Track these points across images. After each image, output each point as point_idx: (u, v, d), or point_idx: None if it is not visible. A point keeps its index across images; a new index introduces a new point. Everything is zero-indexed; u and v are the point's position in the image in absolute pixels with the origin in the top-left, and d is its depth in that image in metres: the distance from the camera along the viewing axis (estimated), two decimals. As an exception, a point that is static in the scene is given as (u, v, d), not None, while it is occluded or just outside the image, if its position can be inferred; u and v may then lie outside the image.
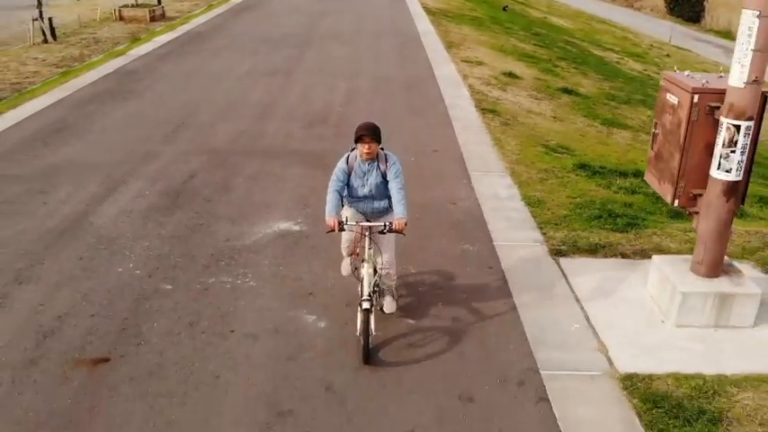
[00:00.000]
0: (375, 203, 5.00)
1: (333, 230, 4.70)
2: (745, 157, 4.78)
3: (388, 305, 5.13)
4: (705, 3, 54.59)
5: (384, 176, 4.88)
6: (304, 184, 7.92)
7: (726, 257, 5.27)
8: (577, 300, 5.45)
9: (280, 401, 4.27)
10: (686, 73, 5.26)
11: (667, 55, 32.94)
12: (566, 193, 7.77)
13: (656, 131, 5.47)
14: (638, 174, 8.46)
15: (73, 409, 4.20)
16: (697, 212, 5.13)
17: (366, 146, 4.73)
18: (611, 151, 10.27)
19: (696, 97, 4.87)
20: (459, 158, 8.85)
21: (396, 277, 5.17)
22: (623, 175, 8.69)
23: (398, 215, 4.71)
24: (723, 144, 4.77)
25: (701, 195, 5.07)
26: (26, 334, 4.96)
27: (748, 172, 4.94)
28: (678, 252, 6.15)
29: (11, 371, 4.56)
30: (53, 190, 7.64)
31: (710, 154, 4.91)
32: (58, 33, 22.65)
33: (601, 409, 4.22)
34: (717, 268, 5.11)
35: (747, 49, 4.53)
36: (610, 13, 53.03)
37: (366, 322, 4.56)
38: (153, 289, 5.56)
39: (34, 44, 21.88)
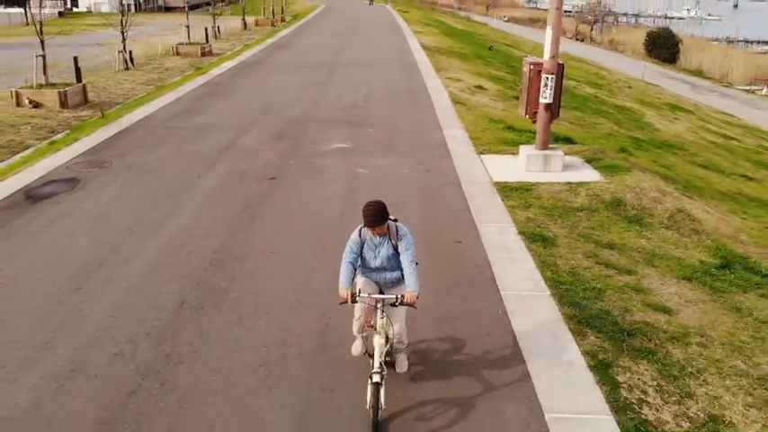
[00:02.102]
0: (387, 274, 5.12)
1: (345, 302, 4.78)
2: (552, 92, 10.86)
3: (400, 364, 5.28)
4: (680, 45, 61.51)
5: (395, 249, 4.98)
6: (345, 132, 14.02)
7: (552, 144, 11.31)
8: (485, 166, 11.48)
9: (352, 191, 10.30)
10: (532, 57, 11.38)
11: (629, 87, 39.23)
12: (494, 136, 13.87)
13: (521, 86, 11.59)
14: (554, 135, 14.47)
15: (268, 190, 10.21)
16: (535, 120, 11.21)
17: (373, 230, 4.90)
18: (534, 126, 16.36)
19: (532, 66, 10.99)
20: (438, 123, 14.96)
21: (407, 342, 5.31)
22: (533, 132, 14.72)
23: (410, 288, 4.81)
24: (543, 86, 10.87)
25: (536, 111, 11.15)
26: (233, 173, 10.99)
27: (557, 100, 11.01)
28: (542, 152, 12.19)
29: (231, 187, 10.58)
30: (207, 133, 13.76)
31: (539, 92, 10.98)
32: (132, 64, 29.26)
33: (483, 189, 10.23)
34: (545, 145, 11.15)
35: (547, 43, 10.66)
36: (597, 56, 59.03)
37: (376, 396, 4.57)
38: (285, 163, 11.62)
39: (119, 70, 28.46)
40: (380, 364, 4.65)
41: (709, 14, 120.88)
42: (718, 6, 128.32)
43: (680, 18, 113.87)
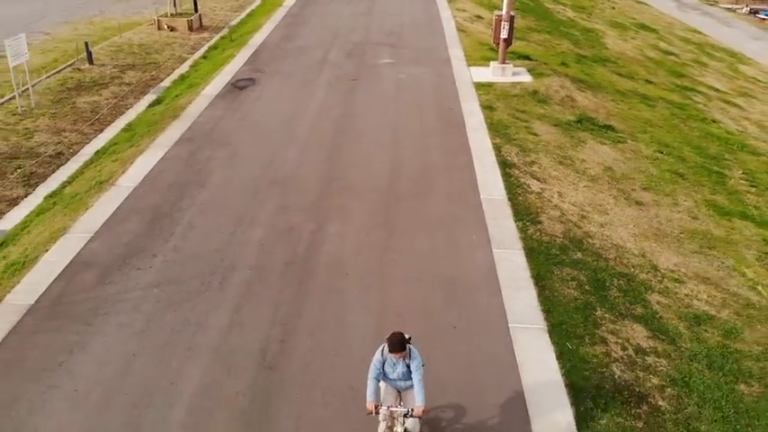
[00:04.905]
0: (403, 383, 6.81)
1: (371, 413, 6.44)
2: (507, 30, 19.88)
3: None
4: (681, -39, 67.32)
5: (408, 367, 6.59)
6: (389, 52, 23.10)
7: (507, 60, 20.50)
8: (470, 73, 20.69)
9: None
10: (498, 11, 20.31)
11: (613, 8, 46.70)
12: (480, 55, 22.92)
13: (492, 27, 20.64)
14: (518, 54, 23.43)
15: (354, 85, 19.58)
16: (498, 45, 20.32)
17: (397, 355, 6.49)
18: (514, 47, 25.23)
19: (497, 16, 20.00)
20: (445, 45, 23.97)
21: (419, 429, 6.80)
22: (514, 53, 23.64)
23: (419, 403, 6.44)
24: (502, 28, 19.90)
25: (498, 42, 20.21)
26: (332, 75, 20.31)
27: (510, 35, 20.04)
28: (504, 65, 21.35)
29: (335, 83, 19.92)
30: (307, 52, 22.93)
31: (500, 30, 20.00)
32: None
33: (466, 85, 19.52)
34: (503, 61, 20.32)
35: (505, 4, 19.59)
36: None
37: None
38: (359, 71, 20.89)
39: None
40: None
41: None
42: None
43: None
